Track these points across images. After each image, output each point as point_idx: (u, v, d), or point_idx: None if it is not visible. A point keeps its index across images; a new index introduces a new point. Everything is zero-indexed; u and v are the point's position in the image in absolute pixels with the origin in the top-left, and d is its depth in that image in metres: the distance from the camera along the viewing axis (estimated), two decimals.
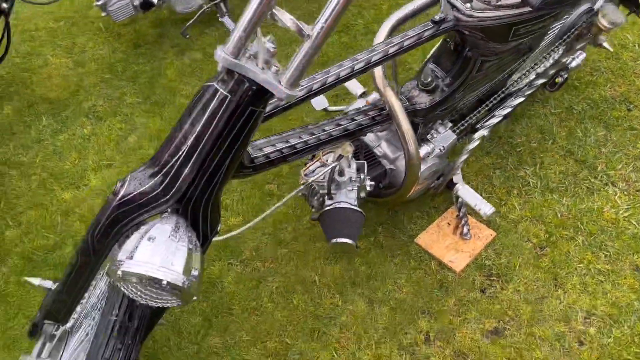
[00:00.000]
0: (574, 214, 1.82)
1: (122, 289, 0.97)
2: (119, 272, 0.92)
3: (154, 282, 0.92)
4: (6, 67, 2.52)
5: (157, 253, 0.93)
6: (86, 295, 1.22)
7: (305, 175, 1.65)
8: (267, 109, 1.14)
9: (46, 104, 2.40)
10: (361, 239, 1.81)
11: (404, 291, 1.70)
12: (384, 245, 1.82)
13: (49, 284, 1.30)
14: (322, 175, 1.48)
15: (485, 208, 1.70)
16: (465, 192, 1.74)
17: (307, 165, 1.69)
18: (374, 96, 1.71)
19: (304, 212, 1.94)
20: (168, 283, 0.91)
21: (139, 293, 0.96)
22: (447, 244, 1.79)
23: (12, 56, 2.32)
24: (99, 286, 1.24)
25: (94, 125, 2.30)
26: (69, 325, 1.26)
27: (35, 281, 1.30)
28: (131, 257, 0.93)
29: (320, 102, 1.84)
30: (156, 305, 0.98)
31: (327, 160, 1.63)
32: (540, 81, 1.78)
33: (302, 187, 1.58)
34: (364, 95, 1.84)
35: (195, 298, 0.97)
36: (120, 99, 2.40)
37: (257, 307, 1.71)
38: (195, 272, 0.96)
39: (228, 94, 0.98)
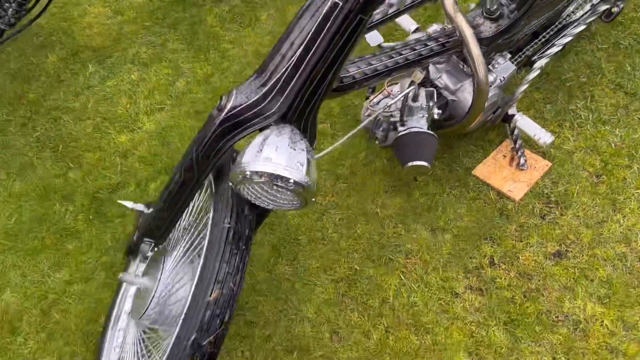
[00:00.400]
0: (628, 143, 1.85)
1: (244, 192, 1.00)
2: (247, 172, 0.95)
3: (281, 180, 0.95)
4: (45, 17, 2.51)
5: (282, 155, 0.97)
6: (184, 215, 1.27)
7: (371, 106, 1.69)
8: None
9: (90, 52, 2.41)
10: None
11: (465, 220, 1.75)
12: (442, 178, 1.86)
13: (141, 206, 1.34)
14: (395, 102, 1.51)
15: (545, 137, 1.73)
16: (524, 122, 1.77)
17: (371, 98, 1.72)
18: (434, 27, 1.73)
19: (358, 149, 1.97)
20: (295, 182, 0.95)
21: (263, 194, 1.00)
22: (504, 175, 1.83)
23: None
24: (195, 205, 1.29)
25: (140, 71, 2.31)
26: (164, 245, 1.32)
27: (129, 204, 1.34)
28: (257, 159, 0.97)
29: (374, 38, 1.85)
30: (275, 208, 1.02)
31: (392, 91, 1.66)
32: (603, 7, 1.79)
33: (369, 118, 1.62)
34: (417, 31, 1.86)
35: (314, 200, 1.01)
36: (164, 46, 2.41)
37: (323, 237, 1.76)
38: (314, 176, 1.00)
39: (339, 1, 1.00)
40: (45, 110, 2.19)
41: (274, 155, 0.97)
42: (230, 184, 1.02)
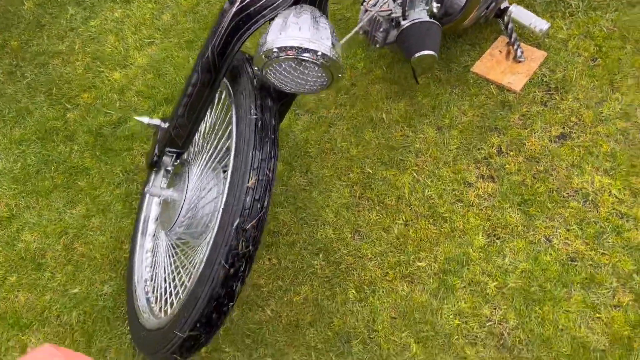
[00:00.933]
0: (619, 26, 1.88)
1: (270, 75, 1.01)
2: (274, 50, 0.96)
3: (308, 53, 0.96)
4: None
5: (306, 30, 0.97)
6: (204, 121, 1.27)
7: (369, 8, 1.68)
8: None
9: None
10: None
11: (469, 115, 1.79)
12: (442, 79, 1.88)
13: (157, 121, 1.33)
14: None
15: (541, 24, 1.75)
16: (519, 12, 1.78)
17: (367, 0, 1.71)
18: None
19: (355, 60, 1.98)
20: (322, 54, 0.96)
21: (290, 73, 1.00)
22: (502, 69, 1.86)
23: None
24: (213, 113, 1.29)
25: (123, 8, 2.25)
26: (185, 157, 1.32)
27: (145, 119, 1.34)
28: (281, 35, 0.97)
29: None
30: (301, 91, 1.03)
31: None
32: None
33: (368, 16, 1.61)
34: None
35: (340, 75, 1.02)
36: None
37: (332, 147, 1.79)
38: (339, 50, 1.00)
39: None
40: (31, 56, 2.14)
41: (297, 32, 0.97)
42: (256, 68, 1.02)
